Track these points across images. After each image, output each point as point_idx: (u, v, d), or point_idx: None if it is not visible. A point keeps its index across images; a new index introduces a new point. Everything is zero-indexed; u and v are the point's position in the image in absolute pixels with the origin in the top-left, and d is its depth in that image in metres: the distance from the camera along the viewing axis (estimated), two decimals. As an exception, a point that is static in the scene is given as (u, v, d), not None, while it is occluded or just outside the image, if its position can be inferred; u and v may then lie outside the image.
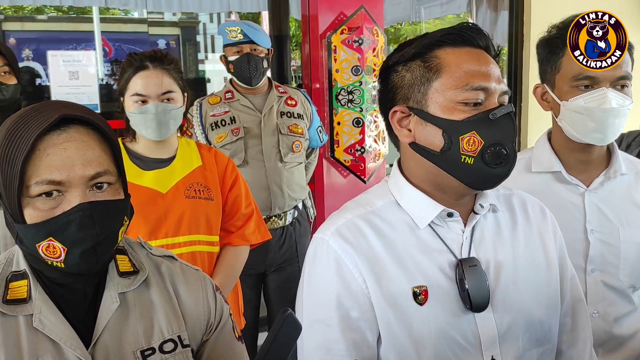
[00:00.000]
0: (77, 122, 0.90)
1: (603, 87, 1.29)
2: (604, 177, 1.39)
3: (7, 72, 1.88)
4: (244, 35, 2.37)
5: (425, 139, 1.02)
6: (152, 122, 1.66)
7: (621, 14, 1.28)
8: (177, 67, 1.75)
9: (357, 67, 3.09)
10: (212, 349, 1.06)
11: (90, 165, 0.88)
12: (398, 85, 1.05)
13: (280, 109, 2.47)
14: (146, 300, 1.00)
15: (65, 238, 0.88)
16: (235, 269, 1.84)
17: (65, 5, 4.33)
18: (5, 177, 0.87)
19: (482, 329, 1.02)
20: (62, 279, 0.93)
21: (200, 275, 1.10)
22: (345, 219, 1.05)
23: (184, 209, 1.71)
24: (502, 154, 0.98)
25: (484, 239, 1.07)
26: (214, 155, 1.85)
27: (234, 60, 2.41)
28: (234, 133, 2.36)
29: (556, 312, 1.12)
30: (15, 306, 0.91)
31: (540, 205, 1.19)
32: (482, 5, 4.45)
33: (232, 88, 2.48)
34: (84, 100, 3.34)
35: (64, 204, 0.87)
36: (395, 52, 1.07)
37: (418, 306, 1.00)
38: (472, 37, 1.02)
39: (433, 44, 1.02)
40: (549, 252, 1.13)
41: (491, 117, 0.98)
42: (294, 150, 2.45)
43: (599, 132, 1.32)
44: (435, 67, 1.01)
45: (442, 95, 1.00)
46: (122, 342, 0.95)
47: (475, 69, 1.00)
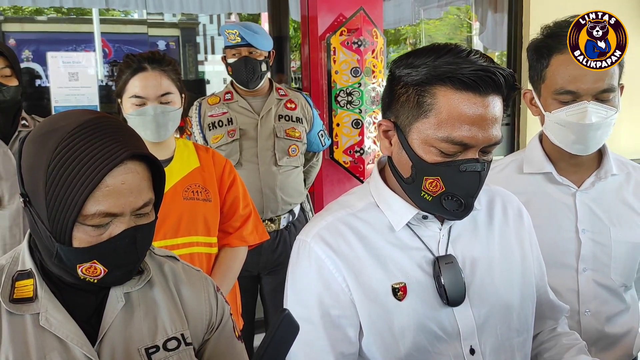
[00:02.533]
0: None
1: (584, 100, 1.29)
2: (595, 177, 1.41)
3: (8, 74, 1.89)
4: (242, 39, 2.37)
5: (398, 161, 1.06)
6: (150, 123, 1.66)
7: (621, 14, 1.28)
8: (175, 69, 1.75)
9: (356, 68, 3.09)
10: (213, 348, 1.08)
11: (140, 196, 0.91)
12: (395, 97, 1.05)
13: (279, 112, 2.46)
14: (150, 299, 1.02)
15: (110, 262, 0.91)
16: (234, 270, 1.84)
17: (65, 6, 4.33)
18: (58, 202, 0.87)
19: (460, 321, 1.07)
20: (73, 280, 0.95)
21: (202, 275, 1.12)
22: (326, 221, 1.10)
23: (182, 210, 1.71)
24: (458, 204, 1.01)
25: (460, 236, 1.12)
26: (212, 156, 1.85)
27: (232, 63, 2.42)
28: (230, 134, 2.35)
29: (532, 303, 1.17)
30: (21, 305, 0.92)
31: (519, 206, 1.23)
32: (481, 7, 4.46)
33: (232, 89, 2.48)
34: (84, 101, 3.34)
35: (111, 230, 0.90)
36: (404, 62, 1.03)
37: (397, 302, 1.05)
38: (480, 84, 0.96)
39: (436, 76, 0.97)
40: (524, 247, 1.18)
41: (461, 169, 0.99)
42: (290, 154, 2.44)
43: (580, 144, 1.34)
44: (425, 106, 0.99)
45: (423, 133, 0.99)
46: (127, 340, 0.96)
47: (465, 123, 0.96)
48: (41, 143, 0.89)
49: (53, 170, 0.87)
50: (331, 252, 1.06)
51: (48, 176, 0.87)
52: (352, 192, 1.18)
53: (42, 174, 0.87)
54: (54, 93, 3.29)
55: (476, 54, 0.98)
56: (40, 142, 0.90)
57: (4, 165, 1.89)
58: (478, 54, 0.98)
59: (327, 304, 1.06)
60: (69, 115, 0.92)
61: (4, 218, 1.88)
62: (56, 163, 0.87)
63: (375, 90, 3.16)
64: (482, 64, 0.96)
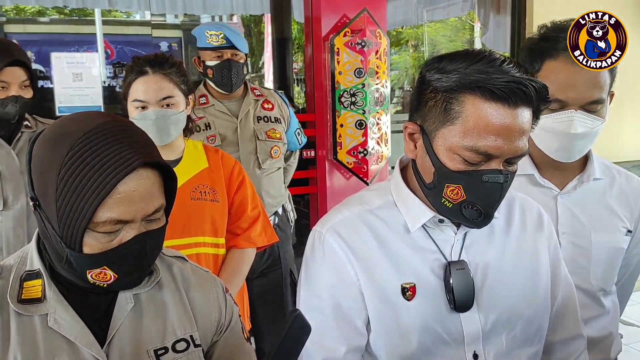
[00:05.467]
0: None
1: (572, 109, 1.28)
2: (577, 181, 1.40)
3: (27, 85, 1.89)
4: (227, 40, 2.28)
5: (422, 166, 1.06)
6: (151, 127, 1.66)
7: (621, 15, 1.27)
8: (179, 71, 1.74)
9: (359, 69, 3.09)
10: (222, 349, 1.07)
11: (152, 202, 0.90)
12: (423, 101, 1.03)
13: (257, 113, 2.40)
14: (159, 300, 1.01)
15: (120, 268, 0.91)
16: (241, 272, 1.83)
17: (69, 7, 4.33)
18: (69, 208, 0.86)
19: (466, 326, 1.08)
20: (82, 284, 0.94)
21: (211, 276, 1.12)
22: (343, 215, 1.11)
23: (189, 210, 1.71)
24: (478, 213, 1.01)
25: (475, 242, 1.11)
26: (221, 157, 1.85)
27: (213, 66, 2.31)
28: (210, 140, 2.28)
29: (545, 313, 1.16)
30: (30, 306, 0.91)
31: (539, 211, 1.22)
32: (484, 8, 4.46)
33: (206, 92, 2.39)
34: (88, 102, 3.33)
35: (121, 236, 0.90)
36: (435, 66, 1.02)
37: (406, 301, 1.06)
38: (509, 96, 0.94)
39: (466, 84, 0.96)
40: (540, 257, 1.17)
41: (483, 179, 0.98)
42: (273, 156, 2.39)
43: (563, 152, 1.34)
44: (453, 113, 0.98)
45: (449, 140, 0.99)
46: (136, 341, 0.96)
47: (491, 133, 0.95)
48: (52, 147, 0.88)
49: (64, 176, 0.85)
50: (345, 245, 1.07)
51: (59, 182, 0.86)
52: (373, 189, 1.18)
53: (53, 179, 0.86)
54: (58, 93, 3.28)
55: (510, 64, 0.96)
56: (51, 146, 0.88)
57: (8, 166, 1.89)
58: (512, 64, 0.96)
59: (339, 295, 1.07)
60: (81, 119, 0.90)
61: (8, 219, 1.87)
62: (68, 169, 0.85)
63: (378, 91, 3.16)
64: (514, 74, 0.95)
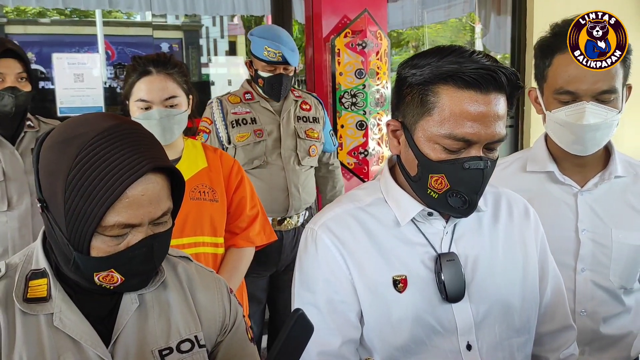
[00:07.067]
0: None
1: (584, 101, 1.29)
2: (599, 178, 1.40)
3: (24, 77, 1.89)
4: (282, 59, 2.36)
5: (406, 160, 1.10)
6: (156, 127, 1.66)
7: (621, 15, 1.27)
8: (181, 71, 1.74)
9: (360, 70, 3.10)
10: (226, 350, 1.07)
11: (159, 206, 0.90)
12: (401, 97, 1.08)
13: (297, 113, 2.51)
14: (164, 301, 1.01)
15: (127, 271, 0.91)
16: (240, 271, 1.83)
17: (69, 8, 4.33)
18: (77, 212, 0.86)
19: (458, 317, 1.10)
20: (89, 285, 0.94)
21: (215, 277, 1.12)
22: (334, 212, 1.15)
23: (188, 210, 1.71)
24: (463, 201, 1.03)
25: (464, 235, 1.14)
26: (220, 156, 1.85)
27: (265, 77, 2.40)
28: (257, 134, 2.39)
29: (534, 304, 1.19)
30: (35, 305, 0.91)
31: (525, 205, 1.24)
32: (485, 9, 4.46)
33: (250, 89, 2.49)
34: (89, 102, 3.34)
35: (129, 239, 0.90)
36: (409, 63, 1.06)
37: (397, 293, 1.09)
38: (481, 82, 0.98)
39: (439, 76, 1.00)
40: (527, 249, 1.19)
41: (464, 167, 1.01)
42: (311, 154, 2.49)
43: (579, 145, 1.34)
44: (429, 104, 1.02)
45: (428, 130, 1.03)
46: (140, 341, 0.96)
47: (467, 120, 0.99)
48: (61, 150, 0.87)
49: (73, 179, 0.85)
50: (337, 241, 1.10)
51: (67, 185, 0.86)
52: (363, 187, 1.22)
53: (62, 182, 0.86)
54: (59, 94, 3.29)
55: (479, 54, 1.01)
56: (59, 148, 0.88)
57: (12, 166, 1.89)
58: (481, 54, 1.01)
59: (332, 289, 1.10)
60: (89, 121, 0.90)
61: (13, 219, 1.87)
62: (76, 172, 0.85)
63: (379, 92, 3.17)
64: (484, 63, 0.99)
